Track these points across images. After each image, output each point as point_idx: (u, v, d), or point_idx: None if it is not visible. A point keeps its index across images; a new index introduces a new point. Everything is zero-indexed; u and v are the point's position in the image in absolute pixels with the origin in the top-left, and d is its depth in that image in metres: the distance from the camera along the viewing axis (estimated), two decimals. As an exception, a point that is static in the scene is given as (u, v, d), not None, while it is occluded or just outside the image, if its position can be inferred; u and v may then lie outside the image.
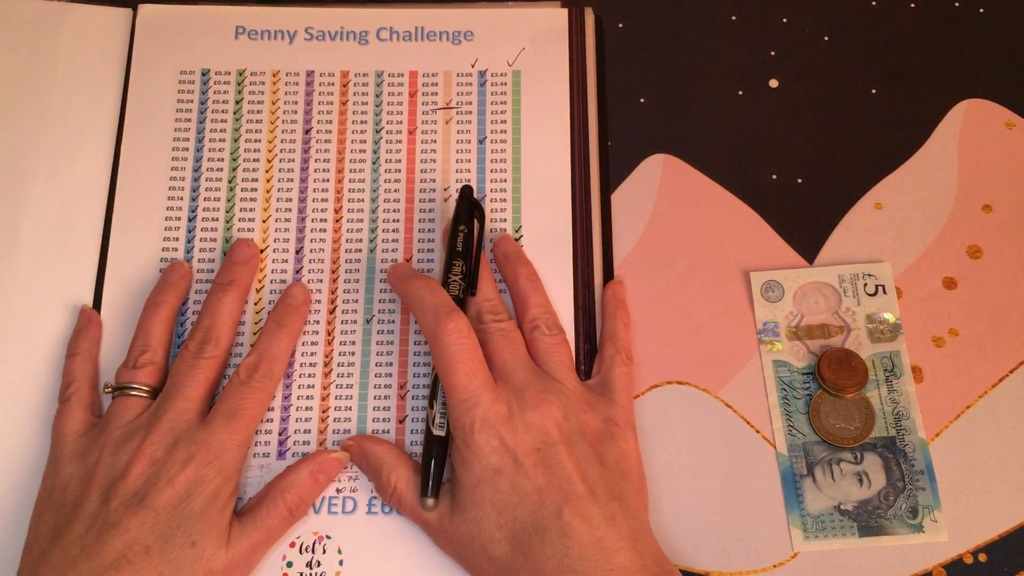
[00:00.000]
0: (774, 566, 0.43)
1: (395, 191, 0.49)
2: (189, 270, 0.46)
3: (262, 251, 0.47)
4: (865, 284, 0.48)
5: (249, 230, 0.48)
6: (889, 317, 0.47)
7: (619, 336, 0.45)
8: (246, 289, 0.46)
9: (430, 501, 0.40)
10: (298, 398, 0.45)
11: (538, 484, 0.38)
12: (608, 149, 0.51)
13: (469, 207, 0.46)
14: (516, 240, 0.48)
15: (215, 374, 0.43)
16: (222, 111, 0.50)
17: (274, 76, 0.51)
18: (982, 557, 0.43)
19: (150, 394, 0.42)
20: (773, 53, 0.53)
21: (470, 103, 0.50)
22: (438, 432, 0.41)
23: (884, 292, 0.47)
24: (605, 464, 0.40)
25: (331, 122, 0.50)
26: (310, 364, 0.45)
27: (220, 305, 0.44)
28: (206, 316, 0.44)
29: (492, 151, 0.50)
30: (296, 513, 0.41)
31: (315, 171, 0.49)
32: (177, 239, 0.48)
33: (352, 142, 0.50)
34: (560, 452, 0.39)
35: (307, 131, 0.50)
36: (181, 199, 0.48)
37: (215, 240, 0.48)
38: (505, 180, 0.49)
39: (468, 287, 0.44)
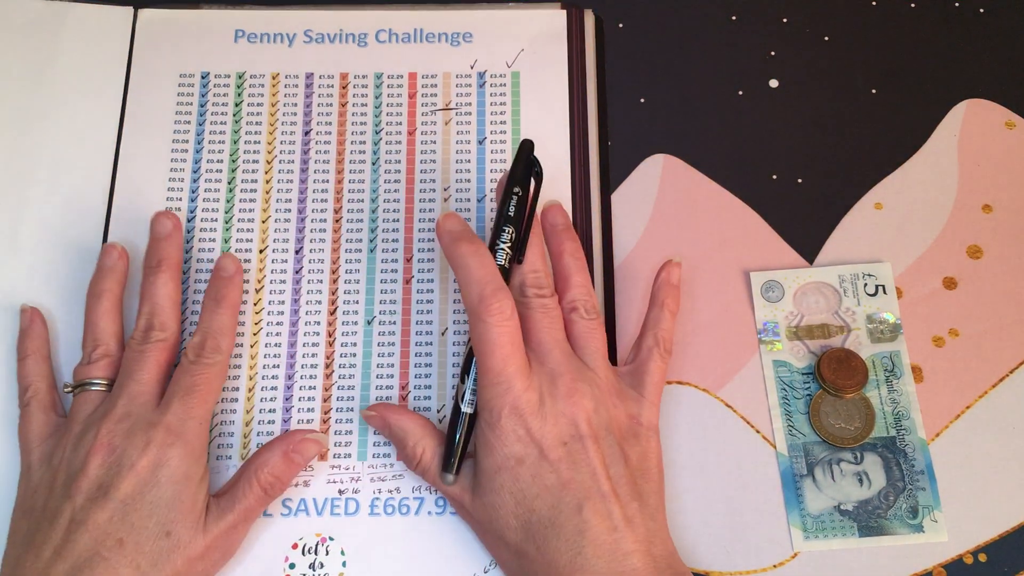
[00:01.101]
0: (774, 566, 0.43)
1: (395, 192, 0.49)
2: (124, 251, 0.45)
3: (261, 251, 0.47)
4: (865, 284, 0.48)
5: (249, 231, 0.48)
6: (889, 317, 0.47)
7: (663, 326, 0.44)
8: (177, 265, 0.45)
9: (450, 477, 0.40)
10: (300, 399, 0.45)
11: (561, 477, 0.38)
12: (608, 149, 0.51)
13: (527, 165, 0.43)
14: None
15: (166, 356, 0.42)
16: (222, 113, 0.50)
17: (273, 78, 0.51)
18: (982, 557, 0.43)
19: (108, 387, 0.42)
20: (773, 53, 0.53)
21: (469, 104, 0.50)
22: (467, 409, 0.41)
23: (884, 292, 0.48)
24: (628, 462, 0.40)
25: (331, 124, 0.50)
26: (311, 365, 0.46)
27: (155, 288, 0.43)
28: (145, 303, 0.43)
29: (492, 152, 0.50)
30: (271, 492, 0.41)
31: (315, 172, 0.49)
32: (177, 240, 0.48)
33: (352, 143, 0.50)
34: (588, 447, 0.38)
35: (307, 133, 0.50)
36: (180, 200, 0.48)
37: (214, 241, 0.48)
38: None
39: (516, 255, 0.42)
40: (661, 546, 0.38)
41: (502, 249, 0.42)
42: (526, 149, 0.43)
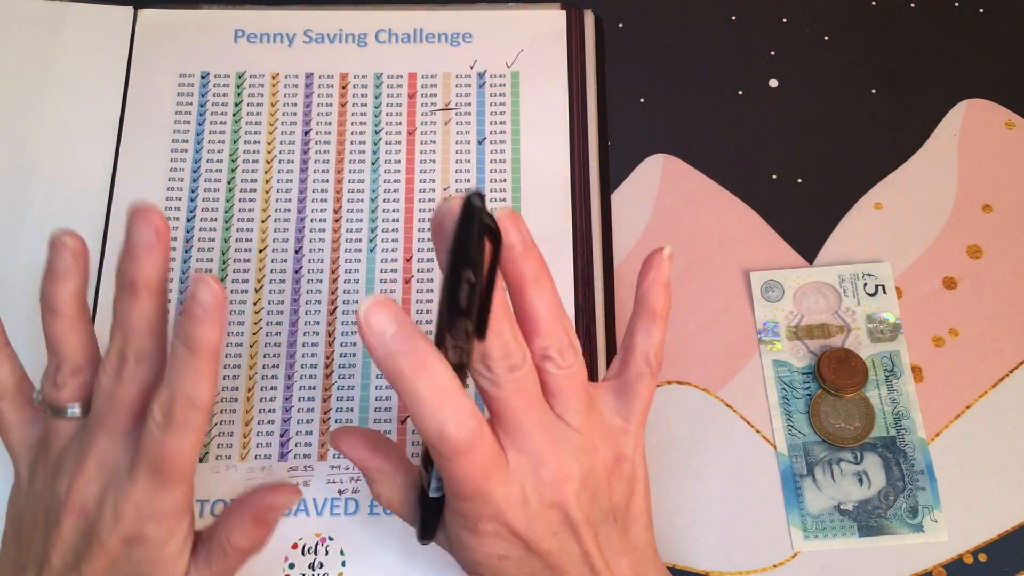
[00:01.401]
0: (774, 566, 0.43)
1: (394, 192, 0.49)
2: (79, 246, 0.35)
3: (261, 251, 0.47)
4: (865, 284, 0.48)
5: (248, 231, 0.48)
6: (889, 317, 0.47)
7: (654, 340, 0.37)
8: (160, 286, 0.34)
9: (428, 542, 0.37)
10: (299, 399, 0.45)
11: (552, 564, 0.34)
12: (608, 149, 0.51)
13: (480, 233, 0.30)
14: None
15: (141, 392, 0.34)
16: (221, 113, 0.50)
17: (273, 78, 0.51)
18: (982, 557, 0.43)
19: (83, 408, 0.36)
20: (773, 53, 0.53)
21: (469, 104, 0.50)
22: (435, 495, 0.35)
23: (884, 292, 0.48)
24: (616, 515, 0.36)
25: (330, 124, 0.50)
26: (311, 365, 0.46)
27: (130, 315, 0.34)
28: (117, 330, 0.34)
29: (491, 152, 0.50)
30: (251, 552, 0.38)
31: (314, 172, 0.49)
32: (175, 240, 0.48)
33: (351, 143, 0.50)
34: (580, 532, 0.34)
35: (306, 133, 0.50)
36: (180, 199, 0.48)
37: (214, 241, 0.48)
38: (505, 181, 0.49)
39: (476, 336, 0.32)
40: None
41: (455, 348, 0.32)
42: (473, 211, 0.29)
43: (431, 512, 0.36)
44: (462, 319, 0.31)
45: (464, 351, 0.32)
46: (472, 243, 0.30)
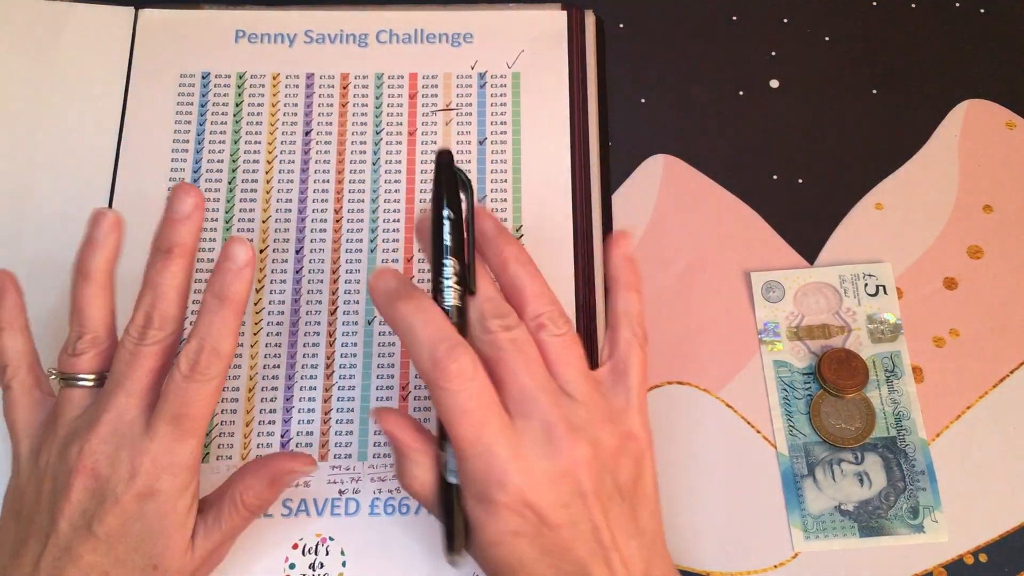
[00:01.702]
0: (774, 566, 0.43)
1: (395, 192, 0.49)
2: (118, 220, 0.39)
3: (261, 251, 0.47)
4: (866, 284, 0.48)
5: (249, 230, 0.48)
6: (890, 317, 0.47)
7: (633, 310, 0.39)
8: (192, 252, 0.38)
9: (458, 558, 0.35)
10: (300, 399, 0.45)
11: (563, 541, 0.34)
12: (609, 149, 0.51)
13: (451, 180, 0.36)
14: (505, 224, 0.48)
15: (162, 360, 0.37)
16: (222, 113, 0.50)
17: (274, 79, 0.51)
18: (982, 557, 0.43)
19: (96, 381, 0.38)
20: (773, 53, 0.53)
21: (470, 104, 0.50)
22: (453, 480, 0.35)
23: (885, 292, 0.48)
24: (624, 493, 0.36)
25: (331, 124, 0.50)
26: (312, 366, 0.46)
27: (162, 277, 0.37)
28: (147, 292, 0.37)
29: (492, 152, 0.50)
30: (256, 513, 0.39)
31: (315, 172, 0.49)
32: (178, 241, 0.48)
33: (352, 144, 0.50)
34: (590, 504, 0.34)
35: (307, 133, 0.50)
36: (182, 200, 0.48)
37: (214, 241, 0.48)
38: (505, 181, 0.49)
39: (465, 288, 0.36)
40: (659, 572, 0.36)
41: (449, 288, 0.36)
42: (444, 161, 0.37)
43: (458, 507, 0.35)
44: (451, 258, 0.36)
45: (457, 292, 0.36)
46: (447, 186, 0.36)
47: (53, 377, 0.39)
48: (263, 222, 0.48)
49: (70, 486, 0.35)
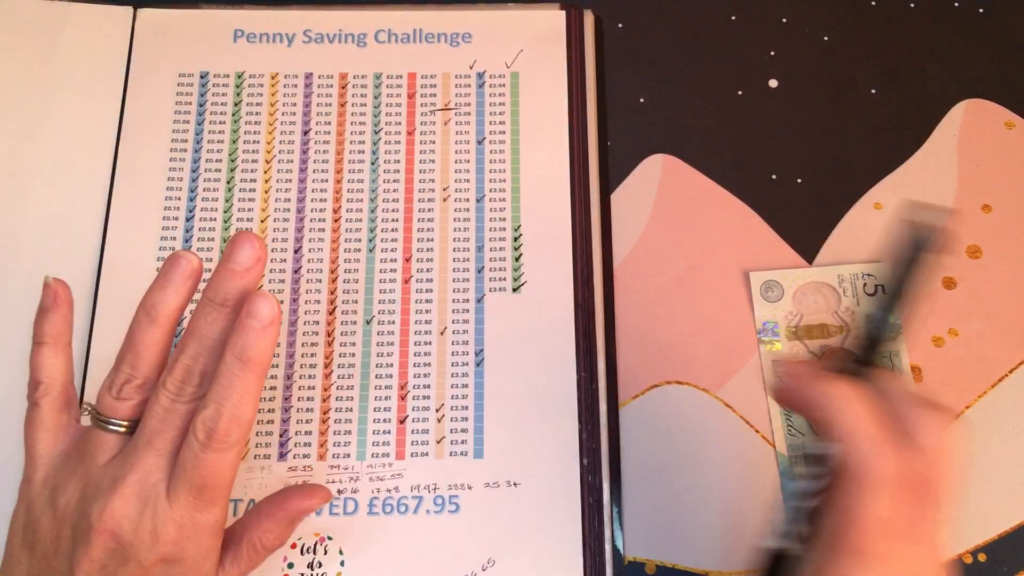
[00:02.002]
0: (774, 566, 0.43)
1: (394, 191, 0.49)
2: (199, 265, 0.36)
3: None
4: (864, 284, 0.48)
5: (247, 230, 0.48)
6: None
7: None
8: (241, 304, 0.35)
9: None
10: (298, 399, 0.45)
11: None
12: (608, 149, 0.51)
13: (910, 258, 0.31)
14: (515, 239, 0.48)
15: (193, 413, 0.35)
16: (221, 113, 0.50)
17: (273, 78, 0.51)
18: (982, 557, 0.43)
19: (128, 430, 0.35)
20: (773, 53, 0.53)
21: (469, 104, 0.50)
22: (785, 545, 0.32)
23: (883, 292, 0.47)
24: None
25: (330, 124, 0.50)
26: (310, 365, 0.46)
27: (210, 332, 0.34)
28: (190, 344, 0.34)
29: (491, 152, 0.50)
30: (274, 551, 0.38)
31: (314, 172, 0.49)
32: (175, 239, 0.48)
33: (351, 143, 0.50)
34: None
35: (306, 132, 0.50)
36: (179, 199, 0.48)
37: (212, 240, 0.48)
38: (504, 181, 0.49)
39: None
40: None
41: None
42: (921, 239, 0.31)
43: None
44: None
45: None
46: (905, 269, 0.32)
47: (86, 413, 0.36)
48: (262, 222, 0.48)
49: (90, 543, 0.33)
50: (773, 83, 0.52)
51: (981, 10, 0.54)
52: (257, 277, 0.35)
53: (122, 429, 0.35)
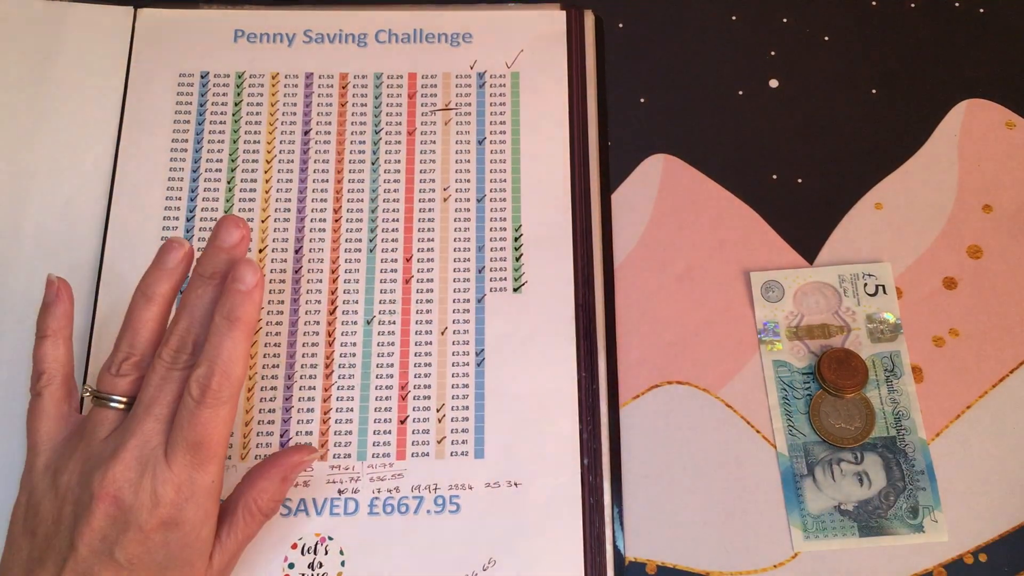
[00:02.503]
0: (774, 566, 0.43)
1: (394, 191, 0.49)
2: (190, 249, 0.39)
3: (260, 251, 0.47)
4: (865, 284, 0.48)
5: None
6: (889, 317, 0.47)
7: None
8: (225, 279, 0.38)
9: None
10: (299, 399, 0.45)
11: None
12: (608, 149, 0.51)
13: None
14: (516, 239, 0.48)
15: (187, 381, 0.37)
16: (221, 113, 0.50)
17: (273, 78, 0.51)
18: (982, 557, 0.43)
19: (127, 405, 0.38)
20: (773, 53, 0.53)
21: (469, 104, 0.50)
22: None
23: (884, 292, 0.47)
24: None
25: (330, 124, 0.50)
26: (311, 365, 0.46)
27: (200, 303, 0.38)
28: (183, 316, 0.38)
29: (491, 152, 0.50)
30: (271, 515, 0.39)
31: (314, 172, 0.49)
32: (177, 240, 0.48)
33: (351, 143, 0.50)
34: None
35: (306, 133, 0.50)
36: (180, 199, 0.48)
37: (215, 241, 0.48)
38: (504, 180, 0.49)
39: None
40: None
41: None
42: None
43: None
44: None
45: None
46: None
47: (87, 395, 0.38)
48: (262, 222, 0.48)
49: (92, 511, 0.35)
50: (773, 83, 0.52)
51: (981, 10, 0.54)
52: (241, 254, 0.38)
53: (121, 405, 0.37)
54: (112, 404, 0.37)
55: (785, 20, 0.54)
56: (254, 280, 0.37)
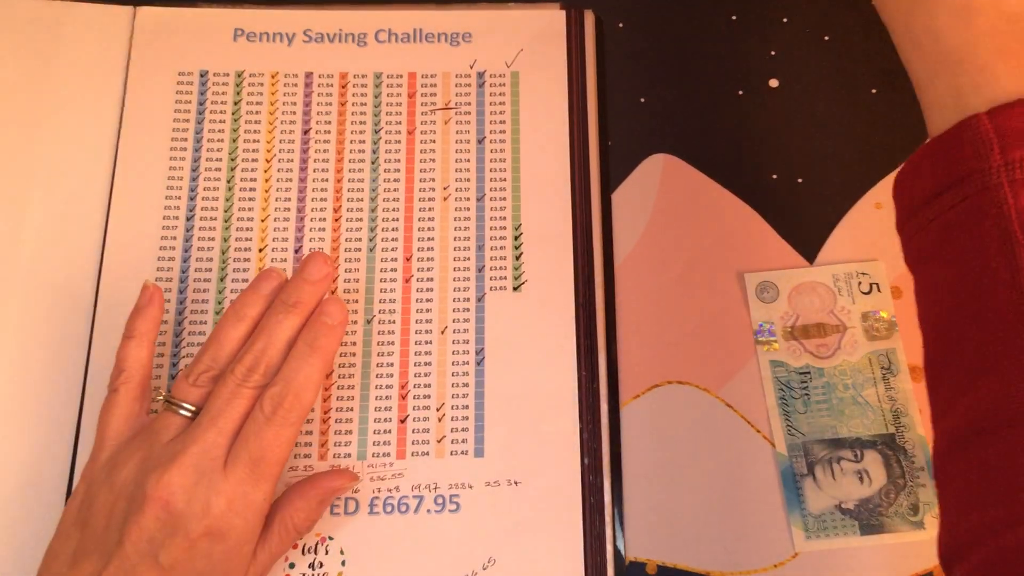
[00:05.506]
0: (775, 566, 0.43)
1: (394, 191, 0.49)
2: (286, 280, 0.42)
3: (260, 251, 0.47)
4: (859, 283, 0.48)
5: (247, 230, 0.48)
6: (884, 315, 0.47)
7: None
8: (310, 313, 0.40)
9: None
10: (298, 399, 0.45)
11: None
12: (608, 149, 0.51)
13: None
14: (516, 238, 0.48)
15: (255, 401, 0.39)
16: (220, 112, 0.50)
17: (273, 78, 0.51)
18: (982, 556, 0.43)
19: (194, 415, 0.39)
20: (773, 53, 0.53)
21: (469, 104, 0.50)
22: None
23: (878, 290, 0.48)
24: None
25: (330, 123, 0.50)
26: (310, 365, 0.46)
27: (279, 329, 0.39)
28: (261, 337, 0.39)
29: (491, 151, 0.50)
30: (305, 533, 0.41)
31: (314, 171, 0.49)
32: (175, 239, 0.48)
33: (351, 143, 0.50)
34: None
35: (306, 132, 0.50)
36: (179, 199, 0.48)
37: (213, 240, 0.48)
38: (504, 180, 0.49)
39: None
40: None
41: None
42: None
43: None
44: None
45: None
46: None
47: (160, 400, 0.40)
48: (262, 221, 0.48)
49: (143, 512, 0.36)
50: (773, 83, 0.52)
51: (980, 10, 0.54)
52: (325, 289, 0.41)
53: (189, 413, 0.39)
54: (182, 411, 0.39)
55: (785, 20, 0.54)
56: (341, 316, 0.40)
